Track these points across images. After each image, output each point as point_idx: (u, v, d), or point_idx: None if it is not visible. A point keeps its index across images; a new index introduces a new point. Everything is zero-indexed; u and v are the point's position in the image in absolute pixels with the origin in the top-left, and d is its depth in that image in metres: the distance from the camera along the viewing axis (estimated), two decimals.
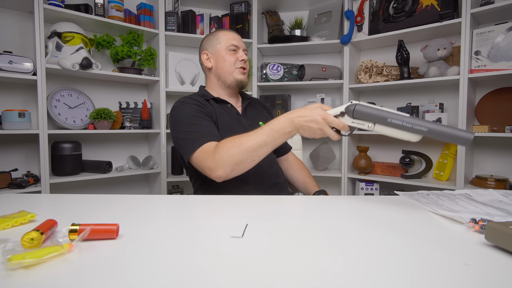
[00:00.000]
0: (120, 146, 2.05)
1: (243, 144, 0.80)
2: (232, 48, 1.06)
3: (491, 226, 0.46)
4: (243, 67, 1.08)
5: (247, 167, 0.83)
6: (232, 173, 0.84)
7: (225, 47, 1.06)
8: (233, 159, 0.81)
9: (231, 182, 0.99)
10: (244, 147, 0.80)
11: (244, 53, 1.09)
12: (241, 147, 0.80)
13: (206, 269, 0.39)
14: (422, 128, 0.62)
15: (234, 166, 0.82)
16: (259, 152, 0.80)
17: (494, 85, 1.72)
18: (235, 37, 1.08)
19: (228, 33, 1.08)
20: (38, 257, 0.39)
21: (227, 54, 1.06)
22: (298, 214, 0.63)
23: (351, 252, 0.44)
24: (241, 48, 1.08)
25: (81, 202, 0.72)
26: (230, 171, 0.83)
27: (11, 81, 1.60)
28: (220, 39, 1.07)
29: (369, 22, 1.97)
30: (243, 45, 1.10)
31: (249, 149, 0.80)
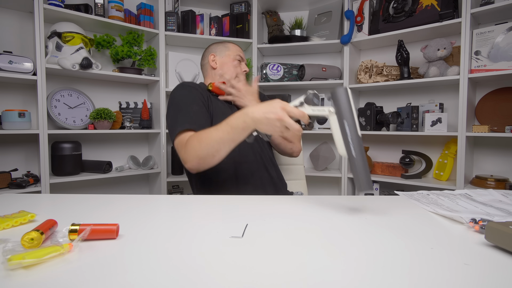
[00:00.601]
0: (120, 146, 2.05)
1: (203, 140, 0.82)
2: (239, 58, 1.18)
3: (491, 226, 0.46)
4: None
5: (211, 161, 0.84)
6: (200, 167, 0.86)
7: (233, 55, 1.17)
8: (197, 154, 0.83)
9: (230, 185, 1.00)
10: (204, 143, 0.82)
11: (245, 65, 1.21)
12: (201, 143, 0.82)
13: (206, 269, 0.39)
14: (352, 152, 0.63)
15: (199, 161, 0.84)
16: (217, 147, 0.81)
17: (494, 85, 1.72)
18: (240, 51, 1.21)
19: (233, 46, 1.21)
20: (38, 257, 0.39)
21: (234, 61, 1.17)
22: (298, 214, 0.63)
23: (351, 252, 0.44)
24: (244, 60, 1.21)
25: (81, 202, 0.72)
26: (197, 164, 0.85)
27: (11, 81, 1.60)
28: (230, 49, 1.19)
29: (369, 22, 1.97)
30: (244, 59, 1.23)
31: (208, 146, 0.81)
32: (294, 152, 1.15)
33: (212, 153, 0.82)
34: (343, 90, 0.64)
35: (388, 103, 2.08)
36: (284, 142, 1.11)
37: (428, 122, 1.74)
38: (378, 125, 1.94)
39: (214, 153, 0.82)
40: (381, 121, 1.92)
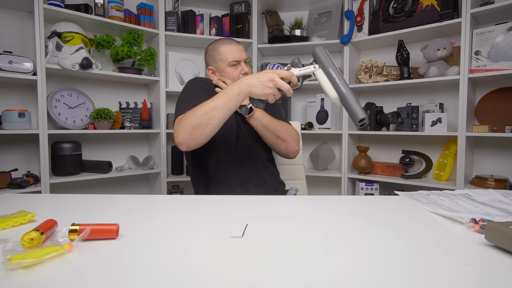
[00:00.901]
0: (120, 146, 2.05)
1: (199, 108, 0.84)
2: (233, 63, 1.09)
3: (491, 226, 0.46)
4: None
5: (203, 131, 0.85)
6: (191, 139, 0.86)
7: (226, 63, 1.09)
8: (190, 123, 0.85)
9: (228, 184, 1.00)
10: (199, 111, 0.84)
11: (245, 64, 1.11)
12: (196, 112, 0.84)
13: (206, 269, 0.39)
14: (342, 90, 0.72)
15: (191, 131, 0.85)
16: (211, 114, 0.82)
17: (494, 85, 1.72)
18: (235, 50, 1.09)
19: (227, 47, 1.10)
20: (38, 257, 0.39)
21: (230, 70, 1.10)
22: (298, 214, 0.63)
23: (351, 252, 0.44)
24: (242, 60, 1.10)
25: (81, 202, 0.72)
26: (188, 135, 0.85)
27: (11, 81, 1.60)
28: (221, 55, 1.10)
29: (369, 22, 1.97)
30: (244, 56, 1.11)
31: (203, 112, 0.83)
32: (290, 153, 1.11)
33: (205, 120, 0.83)
34: (321, 48, 0.77)
35: (388, 103, 2.08)
36: (278, 141, 1.07)
37: (428, 122, 1.74)
38: (378, 125, 1.94)
39: (208, 120, 0.83)
40: (381, 121, 1.92)
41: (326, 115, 2.09)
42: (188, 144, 0.88)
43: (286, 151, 1.11)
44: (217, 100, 0.83)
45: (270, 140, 1.07)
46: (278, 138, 1.07)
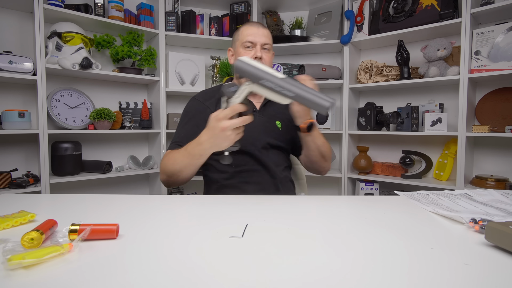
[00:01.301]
0: (120, 146, 2.05)
1: (170, 160, 0.92)
2: (247, 44, 1.03)
3: (491, 226, 0.46)
4: None
5: (177, 179, 0.92)
6: (170, 181, 0.95)
7: (241, 43, 1.05)
8: (165, 170, 0.94)
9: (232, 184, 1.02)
10: (170, 163, 0.91)
11: (262, 48, 1.04)
12: (168, 163, 0.92)
13: (206, 269, 0.39)
14: (289, 94, 0.65)
15: (167, 178, 0.94)
16: (179, 169, 0.89)
17: (494, 85, 1.72)
18: (252, 32, 1.03)
19: (247, 28, 1.05)
20: (38, 257, 0.39)
21: (242, 51, 1.04)
22: (298, 214, 0.63)
23: (350, 252, 0.44)
24: (258, 44, 1.03)
25: (81, 202, 0.72)
26: (166, 178, 0.95)
27: (11, 81, 1.60)
28: (240, 35, 1.06)
29: (369, 22, 1.97)
30: (263, 40, 1.03)
31: (173, 166, 0.90)
32: (324, 172, 1.09)
33: (175, 173, 0.91)
34: (239, 62, 0.68)
35: (388, 103, 2.08)
36: (321, 161, 1.03)
37: (428, 122, 1.74)
38: (378, 125, 1.94)
39: (178, 173, 0.90)
40: (381, 121, 1.92)
41: (326, 115, 2.09)
42: (168, 183, 0.97)
43: (322, 169, 1.08)
44: (184, 158, 0.86)
45: (314, 158, 1.03)
46: (323, 158, 1.03)
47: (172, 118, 2.03)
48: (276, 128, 1.08)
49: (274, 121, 1.09)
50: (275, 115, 1.10)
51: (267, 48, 1.05)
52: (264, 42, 1.04)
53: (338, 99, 2.22)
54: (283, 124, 1.09)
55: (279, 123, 1.09)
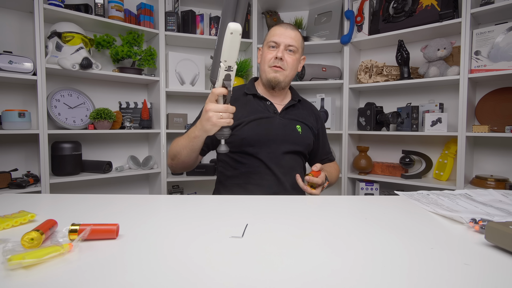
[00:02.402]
0: (120, 146, 2.05)
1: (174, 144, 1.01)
2: (272, 44, 1.03)
3: (491, 226, 0.46)
4: (276, 65, 1.03)
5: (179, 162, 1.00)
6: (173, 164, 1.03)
7: (266, 43, 1.06)
8: (170, 153, 1.03)
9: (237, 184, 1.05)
10: (173, 146, 1.00)
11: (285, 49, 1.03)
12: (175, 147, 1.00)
13: (206, 269, 0.39)
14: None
15: (171, 161, 1.03)
16: (181, 150, 0.97)
17: (494, 85, 1.72)
18: (279, 33, 1.03)
19: (275, 29, 1.05)
20: (38, 257, 0.39)
21: (266, 51, 1.05)
22: (298, 214, 0.63)
23: (350, 252, 0.44)
24: (282, 44, 1.02)
25: (81, 202, 0.72)
26: (170, 162, 1.04)
27: (11, 81, 1.60)
28: (267, 35, 1.07)
29: (369, 22, 1.97)
30: (288, 41, 1.02)
31: (177, 148, 0.98)
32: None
33: (176, 155, 0.99)
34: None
35: (388, 103, 2.08)
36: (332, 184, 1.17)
37: (428, 122, 1.74)
38: (378, 125, 1.94)
39: (178, 155, 0.98)
40: (381, 121, 1.92)
41: (326, 115, 2.09)
42: (171, 170, 1.08)
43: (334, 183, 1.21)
44: (184, 141, 0.96)
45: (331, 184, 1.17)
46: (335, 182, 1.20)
47: (172, 118, 2.03)
48: (295, 132, 1.07)
49: (294, 125, 1.08)
50: (296, 119, 1.09)
51: (292, 50, 1.04)
52: (289, 44, 1.02)
53: (338, 99, 2.22)
54: (303, 129, 1.09)
55: (299, 127, 1.08)
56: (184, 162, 1.00)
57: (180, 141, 0.98)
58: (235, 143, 1.05)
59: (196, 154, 0.98)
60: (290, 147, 1.05)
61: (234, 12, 0.71)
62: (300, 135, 1.08)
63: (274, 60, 1.02)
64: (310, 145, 1.12)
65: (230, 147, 1.06)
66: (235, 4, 0.71)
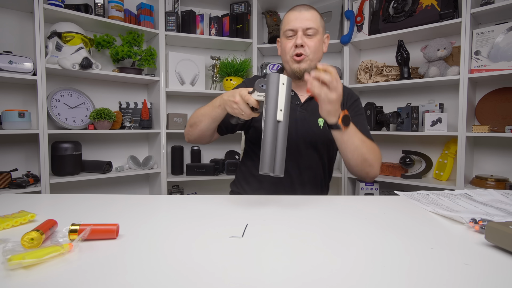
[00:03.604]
0: (120, 146, 2.05)
1: (195, 112, 0.98)
2: (288, 34, 0.96)
3: (491, 226, 0.46)
4: (297, 53, 0.95)
5: (194, 131, 0.98)
6: (190, 132, 1.00)
7: (283, 33, 0.99)
8: (190, 121, 1.00)
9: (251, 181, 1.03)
10: (195, 114, 0.98)
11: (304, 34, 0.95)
12: (196, 114, 0.97)
13: (206, 269, 0.39)
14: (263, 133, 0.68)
15: (189, 128, 1.00)
16: (200, 118, 0.94)
17: (494, 85, 1.72)
18: (293, 18, 0.96)
19: (289, 15, 0.98)
20: (38, 257, 0.39)
21: (284, 41, 0.98)
22: (298, 214, 0.63)
23: (350, 252, 0.44)
24: (299, 30, 0.94)
25: (81, 202, 0.72)
26: (188, 128, 1.01)
27: (11, 81, 1.60)
28: (282, 24, 1.00)
29: (369, 22, 1.97)
30: (305, 24, 0.94)
31: (196, 116, 0.96)
32: (369, 178, 0.94)
33: (196, 122, 0.95)
34: (274, 76, 0.68)
35: (388, 103, 2.08)
36: (363, 164, 0.89)
37: (428, 122, 1.74)
38: (378, 125, 1.94)
39: (198, 123, 0.95)
40: (381, 121, 1.92)
41: None
42: (187, 137, 1.03)
43: (366, 175, 0.93)
44: (206, 108, 0.93)
45: (354, 161, 0.88)
46: (365, 162, 0.88)
47: (172, 118, 2.03)
48: (316, 125, 1.00)
49: (316, 118, 0.99)
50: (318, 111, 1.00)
51: (312, 34, 0.96)
52: (306, 27, 0.94)
53: None
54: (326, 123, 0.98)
55: (321, 120, 1.00)
56: (202, 130, 0.95)
57: (202, 109, 0.94)
58: (254, 134, 1.03)
59: (215, 124, 0.93)
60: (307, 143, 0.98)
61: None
62: (321, 130, 0.99)
63: (295, 49, 0.95)
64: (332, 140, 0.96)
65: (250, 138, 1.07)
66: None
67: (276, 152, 0.66)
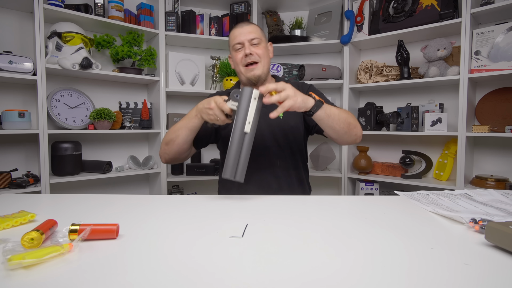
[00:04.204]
0: (120, 146, 2.05)
1: (170, 129, 1.00)
2: (237, 47, 1.06)
3: (491, 226, 0.46)
4: (249, 62, 1.05)
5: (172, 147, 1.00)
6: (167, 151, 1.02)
7: (232, 47, 1.09)
8: (164, 139, 1.02)
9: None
10: (169, 131, 1.00)
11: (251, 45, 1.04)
12: (169, 131, 1.00)
13: (206, 269, 0.39)
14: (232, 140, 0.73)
15: (165, 147, 1.02)
16: (178, 132, 0.97)
17: (494, 85, 1.72)
18: (238, 33, 1.06)
19: (233, 32, 1.08)
20: (38, 257, 0.39)
21: (234, 54, 1.08)
22: (298, 214, 0.63)
23: (350, 252, 0.44)
24: (245, 41, 1.04)
25: (81, 202, 0.72)
26: (164, 147, 1.03)
27: (11, 81, 1.60)
28: (230, 40, 1.10)
29: (369, 22, 1.97)
30: (249, 36, 1.05)
31: (173, 131, 0.98)
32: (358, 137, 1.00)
33: (173, 138, 0.98)
34: (245, 90, 0.74)
35: (388, 103, 2.08)
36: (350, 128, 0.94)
37: (428, 122, 1.74)
38: (378, 125, 1.94)
39: (175, 138, 0.97)
40: (381, 121, 1.92)
41: None
42: (163, 157, 1.06)
43: (356, 137, 0.99)
44: (181, 122, 0.97)
45: (343, 129, 0.93)
46: (351, 125, 0.95)
47: (172, 118, 2.03)
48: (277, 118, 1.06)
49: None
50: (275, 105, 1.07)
51: (256, 42, 1.05)
52: (250, 38, 1.05)
53: (338, 99, 2.22)
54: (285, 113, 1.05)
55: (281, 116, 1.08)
56: (179, 144, 0.98)
57: (177, 124, 0.98)
58: (222, 144, 1.12)
59: (192, 136, 0.98)
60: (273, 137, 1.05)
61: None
62: (282, 120, 1.07)
63: (245, 58, 1.05)
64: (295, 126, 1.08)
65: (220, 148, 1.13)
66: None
67: (239, 160, 0.73)
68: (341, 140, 1.00)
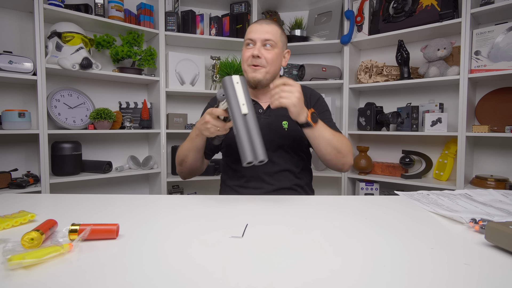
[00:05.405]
0: (120, 146, 2.05)
1: (181, 149, 1.01)
2: (248, 42, 0.99)
3: (491, 226, 0.46)
4: (254, 64, 0.98)
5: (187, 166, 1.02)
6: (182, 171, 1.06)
7: (244, 41, 1.02)
8: (177, 160, 1.05)
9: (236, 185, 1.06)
10: (180, 152, 1.02)
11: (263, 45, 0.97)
12: (180, 152, 1.02)
13: (206, 269, 0.39)
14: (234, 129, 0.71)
15: (179, 167, 1.06)
16: (185, 153, 0.99)
17: (494, 85, 1.72)
18: (254, 29, 0.99)
19: (250, 27, 1.01)
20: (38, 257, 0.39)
21: (244, 49, 1.01)
22: (298, 214, 0.63)
23: (350, 252, 0.44)
24: (258, 41, 0.97)
25: (81, 202, 0.72)
26: (179, 168, 1.07)
27: (11, 81, 1.60)
28: (246, 32, 1.02)
29: (369, 22, 1.97)
30: (264, 36, 0.96)
31: (182, 152, 1.00)
32: (345, 168, 1.00)
33: (184, 159, 1.00)
34: (226, 79, 0.73)
35: (388, 103, 2.08)
36: (338, 156, 0.94)
37: (428, 122, 1.74)
38: (378, 125, 1.94)
39: (185, 159, 1.00)
40: (381, 121, 1.92)
41: None
42: (182, 176, 1.10)
43: (342, 166, 0.99)
44: (186, 143, 0.98)
45: (329, 155, 0.93)
46: (339, 153, 0.94)
47: (172, 118, 2.03)
48: (282, 128, 1.04)
49: (280, 121, 1.04)
50: (282, 115, 1.03)
51: (270, 45, 0.97)
52: (264, 38, 0.96)
53: (338, 99, 2.22)
54: (290, 124, 1.04)
55: (285, 123, 1.04)
56: (191, 165, 1.01)
57: (184, 145, 0.99)
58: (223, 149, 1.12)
59: (201, 154, 1.00)
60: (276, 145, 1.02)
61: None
62: (286, 131, 1.03)
63: (252, 59, 0.97)
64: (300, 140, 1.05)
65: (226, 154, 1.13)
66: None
67: (252, 141, 0.69)
68: (326, 163, 0.99)
